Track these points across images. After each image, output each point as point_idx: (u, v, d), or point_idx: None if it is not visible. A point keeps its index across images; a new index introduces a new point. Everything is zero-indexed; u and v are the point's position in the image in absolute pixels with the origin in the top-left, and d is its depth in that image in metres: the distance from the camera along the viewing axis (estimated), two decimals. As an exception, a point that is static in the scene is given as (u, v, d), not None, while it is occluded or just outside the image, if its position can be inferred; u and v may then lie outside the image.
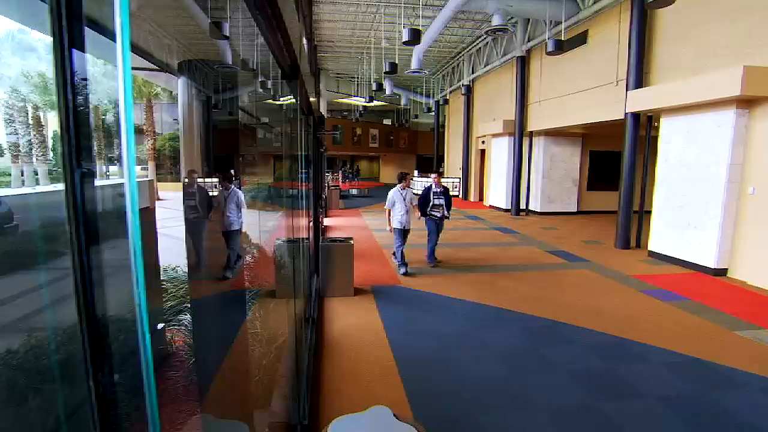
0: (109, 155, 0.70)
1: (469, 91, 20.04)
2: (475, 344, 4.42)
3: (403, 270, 7.02)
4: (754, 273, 6.74)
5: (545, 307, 5.50)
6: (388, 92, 23.67)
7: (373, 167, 42.52)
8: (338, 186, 22.01)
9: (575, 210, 14.98)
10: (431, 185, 7.50)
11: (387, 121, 35.34)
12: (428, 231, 7.59)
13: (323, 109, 24.85)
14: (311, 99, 4.92)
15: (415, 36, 8.46)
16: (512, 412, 3.22)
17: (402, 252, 7.16)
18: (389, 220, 7.23)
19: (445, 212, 7.43)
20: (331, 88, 27.95)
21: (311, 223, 6.26)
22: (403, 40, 8.54)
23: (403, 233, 7.17)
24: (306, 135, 4.49)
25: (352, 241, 5.97)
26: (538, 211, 14.77)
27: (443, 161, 25.66)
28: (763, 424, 3.10)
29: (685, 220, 7.72)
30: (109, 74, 0.58)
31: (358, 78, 25.25)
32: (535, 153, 14.84)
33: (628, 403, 3.36)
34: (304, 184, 5.35)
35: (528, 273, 7.18)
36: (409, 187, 7.25)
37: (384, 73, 12.96)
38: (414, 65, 16.09)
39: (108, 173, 0.72)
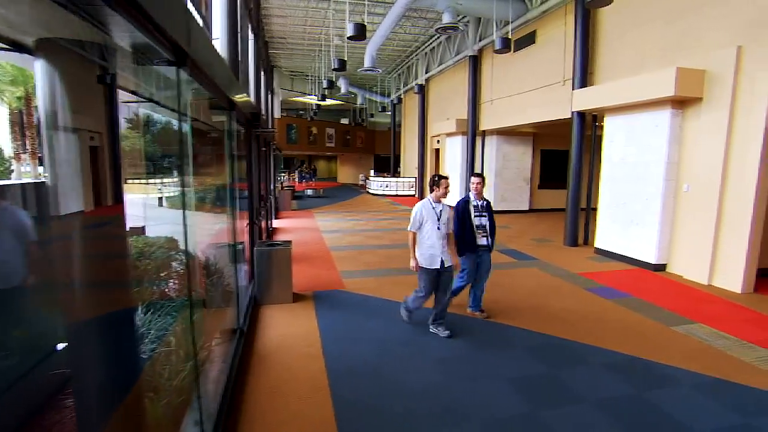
0: None
1: (423, 90, 20.05)
2: (413, 351, 4.20)
3: (406, 316, 4.87)
4: (688, 268, 6.92)
5: (489, 308, 5.37)
6: (343, 91, 23.32)
7: (332, 167, 42.10)
8: (293, 186, 21.49)
9: (527, 208, 15.20)
10: (468, 196, 4.87)
11: (344, 121, 34.96)
12: (466, 270, 4.96)
13: (276, 108, 24.20)
14: (245, 96, 4.56)
15: (361, 31, 8.20)
16: (445, 428, 3.01)
17: (418, 302, 4.66)
18: (413, 249, 4.49)
19: (489, 239, 4.90)
20: (285, 86, 27.29)
21: (247, 227, 5.88)
22: (348, 35, 8.26)
23: (433, 277, 4.42)
24: (230, 133, 4.13)
25: (290, 245, 5.63)
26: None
27: (400, 161, 25.59)
28: (693, 423, 3.04)
29: (628, 217, 7.87)
30: None
31: (312, 76, 24.74)
32: (488, 152, 14.93)
33: (567, 409, 3.23)
34: (237, 184, 4.99)
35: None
36: (445, 197, 4.47)
37: (333, 70, 12.63)
38: (367, 63, 15.85)
39: None
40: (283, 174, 30.76)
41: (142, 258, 4.59)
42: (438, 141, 18.98)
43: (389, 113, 27.27)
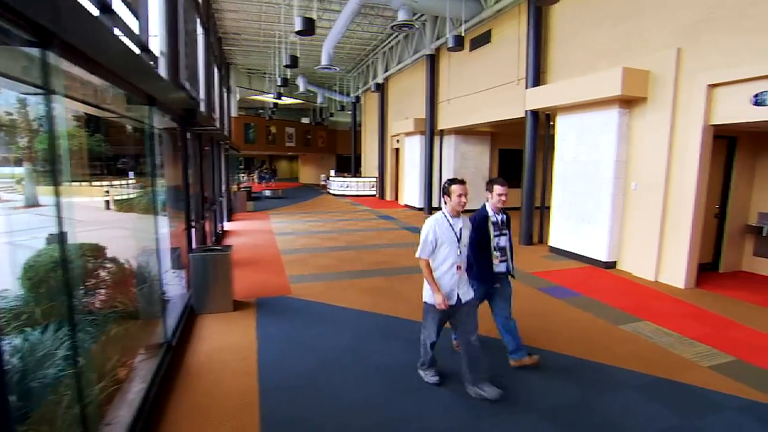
0: None
1: (383, 89, 19.87)
2: (355, 361, 3.97)
3: (434, 379, 3.57)
4: (637, 265, 7.03)
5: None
6: (301, 89, 22.84)
7: (294, 167, 41.37)
8: (251, 187, 20.86)
9: (485, 207, 15.28)
10: (485, 210, 3.74)
11: (305, 120, 34.38)
12: (485, 298, 3.89)
13: (233, 106, 23.43)
14: (174, 91, 4.21)
15: (309, 26, 7.91)
16: (381, 446, 2.80)
17: (431, 344, 3.50)
18: (432, 281, 3.27)
19: (509, 263, 3.83)
20: (242, 83, 26.49)
21: (185, 230, 5.50)
22: (296, 29, 7.95)
23: (444, 317, 3.41)
24: (150, 130, 3.77)
25: (229, 250, 5.29)
26: (451, 209, 14.86)
27: (361, 161, 25.36)
28: (635, 426, 2.96)
29: (580, 215, 7.94)
30: None
31: (269, 74, 24.12)
32: (446, 151, 14.92)
33: (511, 420, 3.08)
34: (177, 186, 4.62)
35: (430, 274, 6.92)
36: (462, 209, 3.27)
37: (285, 66, 12.22)
38: (324, 61, 15.52)
39: None
40: (242, 174, 29.94)
41: (57, 269, 4.16)
42: (398, 140, 18.86)
43: (350, 112, 26.96)
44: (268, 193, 21.99)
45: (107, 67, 2.30)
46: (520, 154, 11.11)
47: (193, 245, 6.16)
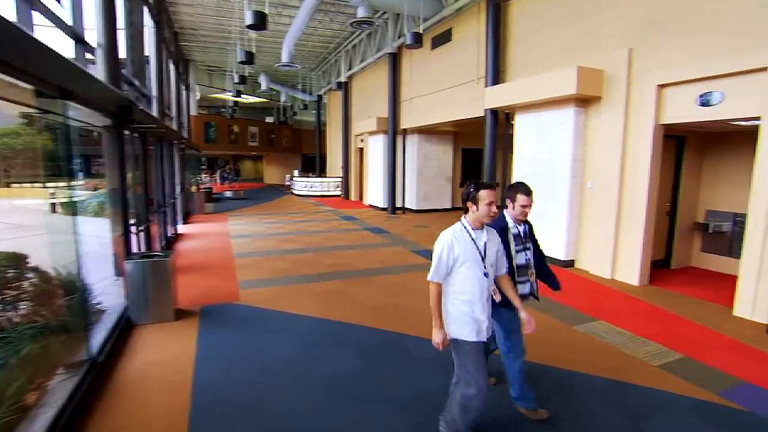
0: None
1: (346, 88, 19.61)
2: (301, 373, 3.73)
3: None
4: (594, 263, 7.08)
5: (393, 316, 5.05)
6: (263, 87, 22.30)
7: (259, 167, 40.46)
8: (211, 188, 20.19)
9: (450, 206, 15.28)
10: (504, 220, 3.09)
11: (270, 119, 33.65)
12: (504, 329, 3.17)
13: (192, 104, 22.62)
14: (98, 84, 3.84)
15: (260, 19, 7.59)
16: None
17: (472, 408, 2.56)
18: (437, 312, 2.60)
19: (533, 282, 3.21)
20: (202, 81, 25.66)
21: (122, 236, 5.11)
22: (247, 23, 7.61)
23: (482, 355, 2.62)
24: (64, 128, 3.41)
25: (170, 256, 4.94)
26: (414, 209, 14.78)
27: (326, 160, 25.00)
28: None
29: (540, 214, 7.92)
30: None
31: (230, 71, 23.42)
32: (410, 151, 14.82)
33: (458, 431, 2.92)
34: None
35: (386, 277, 6.74)
36: (490, 220, 2.60)
37: (240, 62, 11.80)
38: (285, 58, 15.19)
39: None
40: (203, 175, 29.01)
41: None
42: (362, 140, 18.65)
43: (314, 111, 26.53)
44: (229, 194, 21.33)
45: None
46: (483, 153, 11.10)
47: (138, 250, 5.77)
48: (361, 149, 18.87)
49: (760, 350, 4.29)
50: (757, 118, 5.11)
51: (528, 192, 3.02)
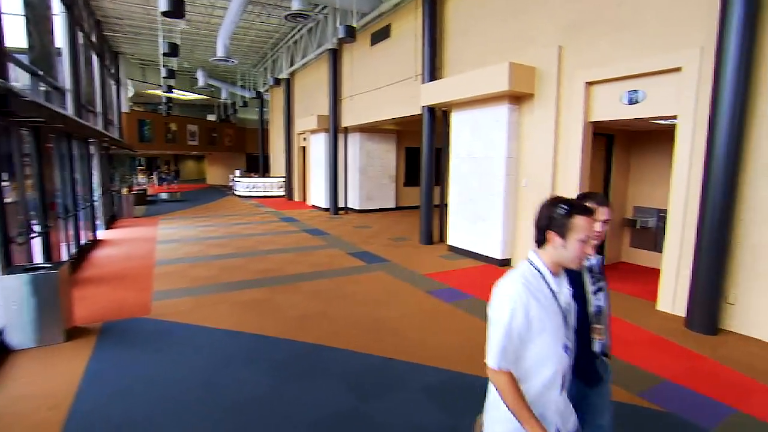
0: None
1: (289, 85, 18.98)
2: (205, 398, 3.29)
3: None
4: (529, 262, 7.05)
5: (317, 326, 4.70)
6: (201, 83, 21.21)
7: (201, 168, 38.72)
8: (146, 189, 18.95)
9: (394, 206, 15.09)
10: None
11: (212, 117, 32.18)
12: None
13: (124, 101, 21.11)
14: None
15: (176, 7, 6.96)
16: None
17: None
18: (522, 406, 1.48)
19: (606, 337, 2.15)
20: (135, 75, 24.09)
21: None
22: (161, 10, 6.97)
23: None
24: None
25: (60, 267, 4.33)
26: (357, 209, 14.46)
27: (269, 160, 24.19)
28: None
29: (476, 212, 7.84)
30: None
31: (165, 66, 22.09)
32: (352, 150, 14.49)
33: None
34: None
35: (316, 282, 6.37)
36: (581, 261, 1.57)
37: (164, 54, 11.01)
38: (220, 53, 14.40)
39: None
40: (140, 176, 27.28)
41: None
42: (304, 138, 18.11)
43: (257, 109, 25.58)
44: (165, 195, 20.11)
45: None
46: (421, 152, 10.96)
47: (28, 261, 5.05)
48: (304, 148, 18.33)
49: (679, 345, 4.30)
50: (674, 117, 5.19)
51: (606, 203, 2.14)
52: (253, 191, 21.02)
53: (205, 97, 28.32)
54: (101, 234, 10.44)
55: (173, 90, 21.58)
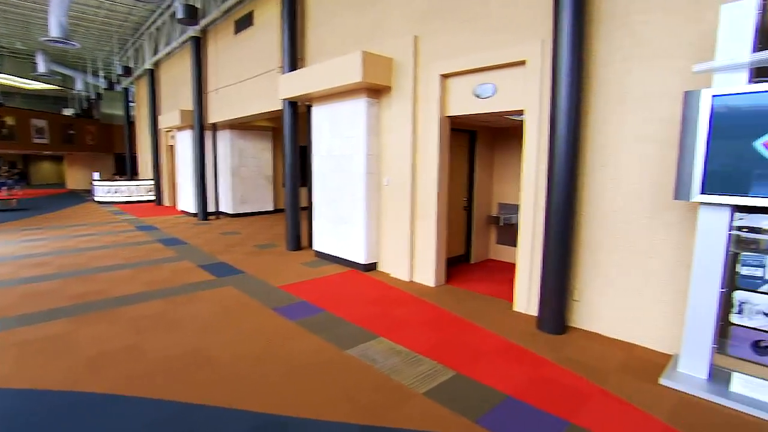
0: None
1: (153, 76, 16.95)
2: None
3: None
4: (395, 265, 6.64)
5: (114, 367, 3.71)
6: (42, 69, 18.07)
7: (61, 170, 33.69)
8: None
9: (273, 208, 14.08)
10: None
11: (68, 111, 27.96)
12: None
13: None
14: None
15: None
16: None
17: None
18: None
19: None
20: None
21: None
22: None
23: None
24: None
25: None
26: (231, 213, 13.22)
27: (137, 160, 21.58)
28: None
29: (339, 215, 7.27)
30: None
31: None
32: (222, 148, 13.20)
33: None
34: None
35: (145, 306, 5.29)
36: None
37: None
38: (54, 32, 12.23)
39: None
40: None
41: None
42: (172, 137, 16.26)
43: (130, 104, 22.62)
44: (-4, 204, 16.76)
45: None
46: (303, 150, 10.18)
47: None
48: (173, 147, 16.47)
49: (528, 350, 4.08)
50: (522, 112, 5.05)
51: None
52: (115, 196, 18.47)
53: (56, 87, 24.43)
54: None
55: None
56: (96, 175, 20.23)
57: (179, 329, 4.58)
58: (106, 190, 18.77)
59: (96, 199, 19.17)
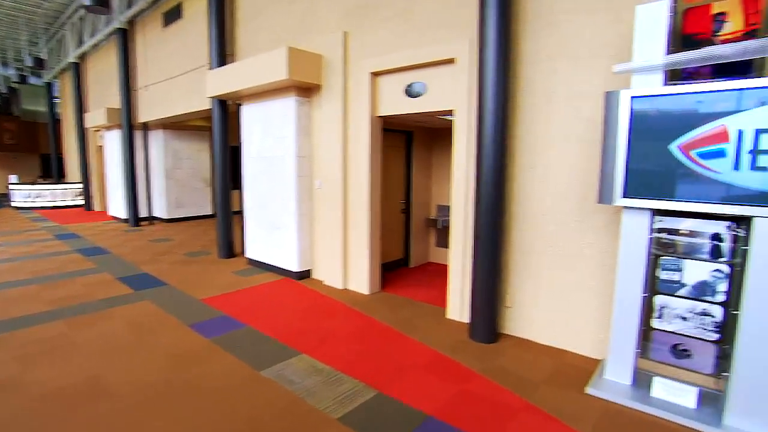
0: None
1: (79, 70, 15.68)
2: None
3: None
4: (328, 273, 6.33)
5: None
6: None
7: (-20, 172, 30.74)
8: None
9: (211, 213, 13.37)
10: None
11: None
12: None
13: None
14: None
15: None
16: None
17: None
18: None
19: None
20: None
21: None
22: None
23: None
24: None
25: None
26: (165, 218, 12.42)
27: (64, 162, 20.01)
28: None
29: (270, 219, 6.87)
30: None
31: None
32: (155, 150, 12.37)
33: None
34: None
35: (41, 328, 4.69)
36: None
37: None
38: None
39: None
40: None
41: None
42: (101, 137, 15.12)
43: (54, 100, 20.87)
44: None
45: None
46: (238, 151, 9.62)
47: None
48: (102, 147, 15.32)
49: (457, 362, 3.91)
50: (451, 112, 4.89)
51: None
52: (36, 201, 16.98)
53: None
54: None
55: None
56: (13, 178, 18.54)
57: (76, 355, 4.06)
58: (26, 195, 17.21)
59: (14, 204, 17.55)
